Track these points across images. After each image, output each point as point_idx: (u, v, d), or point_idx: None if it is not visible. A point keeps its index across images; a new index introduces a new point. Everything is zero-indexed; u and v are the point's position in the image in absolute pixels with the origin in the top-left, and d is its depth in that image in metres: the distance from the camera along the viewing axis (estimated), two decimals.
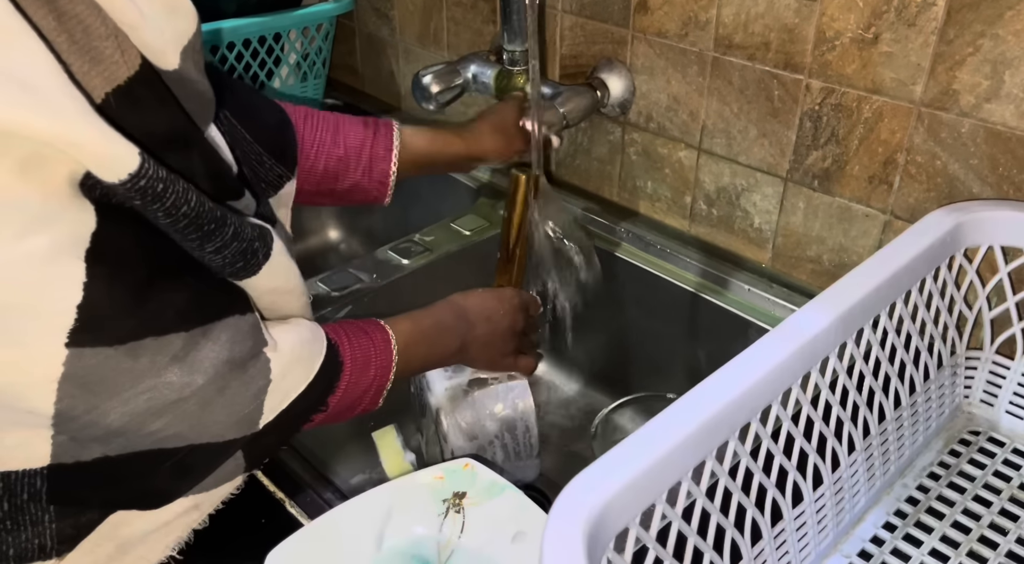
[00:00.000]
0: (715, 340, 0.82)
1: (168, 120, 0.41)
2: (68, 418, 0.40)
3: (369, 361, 0.54)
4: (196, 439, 0.44)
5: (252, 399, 0.46)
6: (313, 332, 0.51)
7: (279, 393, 0.47)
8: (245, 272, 0.46)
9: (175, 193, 0.40)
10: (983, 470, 0.60)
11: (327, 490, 0.58)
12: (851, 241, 0.75)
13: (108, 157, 0.36)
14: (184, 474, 0.46)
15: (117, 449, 0.42)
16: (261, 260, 0.47)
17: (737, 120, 0.78)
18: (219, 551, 0.55)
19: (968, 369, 0.66)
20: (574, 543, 0.35)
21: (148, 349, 0.41)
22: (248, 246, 0.46)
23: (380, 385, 0.55)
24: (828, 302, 0.49)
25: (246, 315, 0.46)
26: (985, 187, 0.65)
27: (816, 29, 0.69)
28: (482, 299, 0.65)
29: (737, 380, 0.43)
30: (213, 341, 0.43)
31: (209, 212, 0.42)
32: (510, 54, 0.85)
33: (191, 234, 0.42)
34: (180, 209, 0.40)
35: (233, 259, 0.45)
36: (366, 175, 0.66)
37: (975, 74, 0.62)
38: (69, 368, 0.38)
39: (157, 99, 0.41)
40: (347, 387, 0.53)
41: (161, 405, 0.42)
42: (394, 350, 0.56)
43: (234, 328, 0.45)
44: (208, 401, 0.43)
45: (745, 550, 0.47)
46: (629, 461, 0.39)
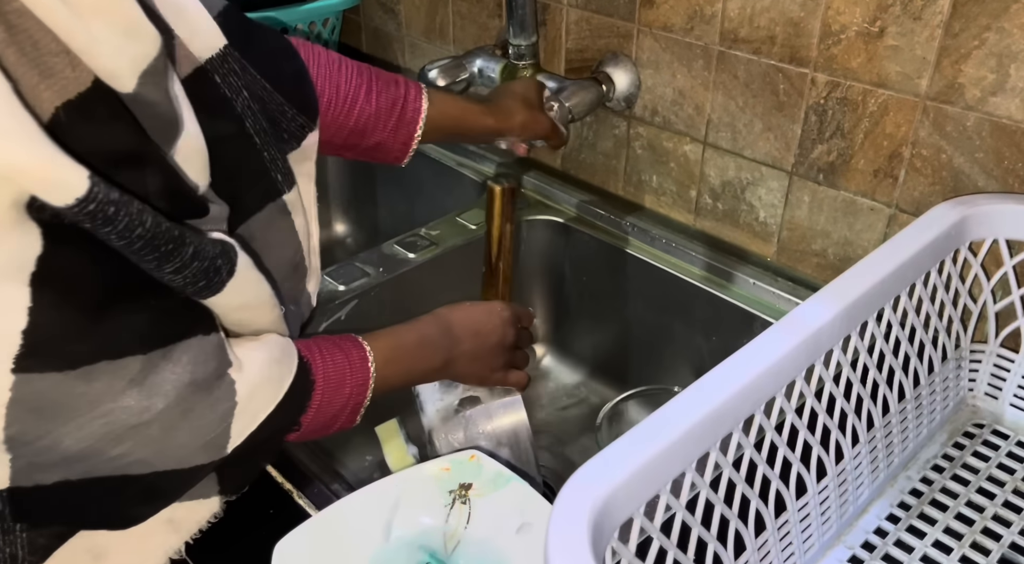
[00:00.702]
0: (720, 333, 0.82)
1: (122, 136, 0.40)
2: (21, 443, 0.39)
3: (344, 379, 0.53)
4: (161, 465, 0.43)
5: (218, 422, 0.45)
6: (283, 350, 0.50)
7: (247, 415, 0.46)
8: (208, 291, 0.45)
9: (128, 215, 0.38)
10: (987, 462, 0.60)
11: (335, 481, 0.59)
12: (856, 235, 0.75)
13: (55, 182, 0.35)
14: (151, 499, 0.45)
15: (79, 474, 0.41)
16: (225, 278, 0.45)
17: (742, 114, 0.78)
18: (227, 542, 0.55)
19: (972, 362, 0.66)
20: (579, 533, 0.35)
21: (103, 373, 0.40)
22: (210, 265, 0.44)
23: (356, 403, 0.54)
24: (832, 295, 0.50)
25: (210, 335, 0.45)
26: (990, 180, 0.65)
27: (822, 23, 0.69)
28: (470, 313, 0.64)
29: (741, 372, 0.44)
30: (174, 363, 0.42)
31: (166, 232, 0.40)
32: (516, 48, 0.85)
33: (147, 255, 0.40)
34: (134, 231, 0.38)
35: (194, 279, 0.43)
36: (392, 135, 0.65)
37: (980, 68, 0.62)
38: (17, 393, 0.37)
39: (111, 115, 0.39)
40: (320, 406, 0.52)
41: (120, 430, 0.41)
42: (371, 367, 0.55)
43: (197, 349, 0.44)
44: (171, 425, 0.42)
45: (749, 541, 0.47)
46: (633, 452, 0.39)
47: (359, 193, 1.19)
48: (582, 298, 0.95)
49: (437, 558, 0.54)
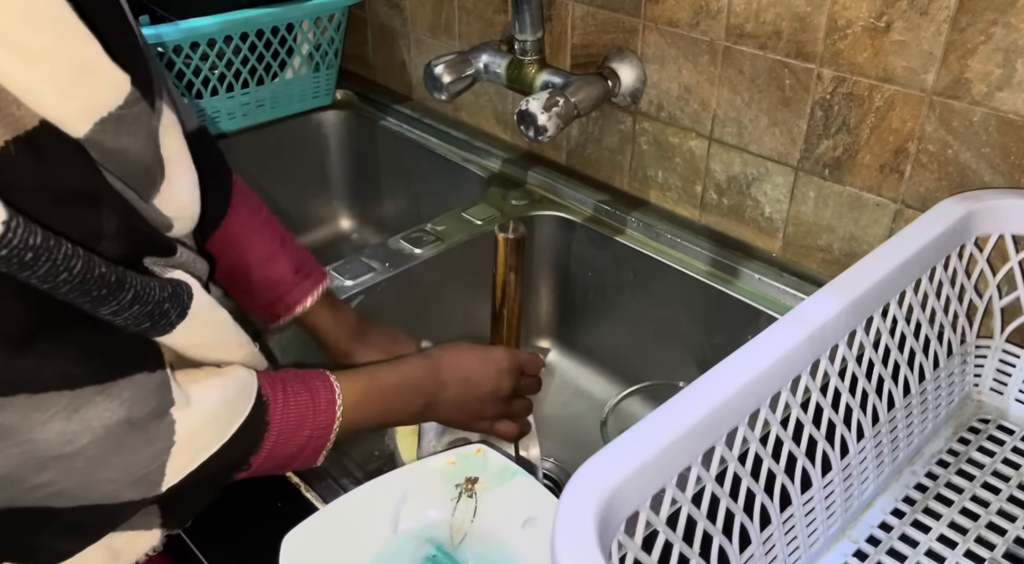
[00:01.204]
0: (725, 329, 0.82)
1: (75, 176, 0.38)
2: None
3: (304, 421, 0.52)
4: (86, 499, 0.42)
5: (151, 460, 0.44)
6: (241, 389, 0.49)
7: (186, 454, 0.45)
8: (154, 332, 0.43)
9: (51, 261, 0.36)
10: (992, 458, 0.60)
11: (342, 475, 0.59)
12: (862, 230, 0.75)
13: None
14: (76, 534, 0.44)
15: (2, 501, 0.40)
16: (175, 320, 0.44)
17: (748, 109, 0.78)
18: (236, 535, 0.56)
19: (978, 357, 0.66)
20: (586, 527, 0.36)
21: (19, 406, 0.38)
22: (155, 308, 0.42)
23: (317, 446, 0.53)
24: (838, 290, 0.50)
25: (155, 372, 0.44)
26: (997, 176, 0.65)
27: (828, 18, 0.69)
28: (463, 358, 0.62)
29: (747, 367, 0.44)
30: (110, 399, 0.41)
31: (100, 278, 0.39)
32: (521, 44, 0.85)
33: (78, 299, 0.39)
34: (58, 276, 0.37)
35: (136, 321, 0.42)
36: (261, 309, 0.65)
37: (987, 62, 0.62)
38: None
39: (64, 154, 0.38)
40: (273, 448, 0.51)
41: (40, 458, 0.40)
42: (338, 411, 0.53)
43: (138, 386, 0.43)
44: (98, 460, 0.41)
45: (754, 534, 0.48)
46: (640, 446, 0.39)
47: (364, 189, 1.20)
48: (587, 293, 0.95)
49: (443, 551, 0.54)
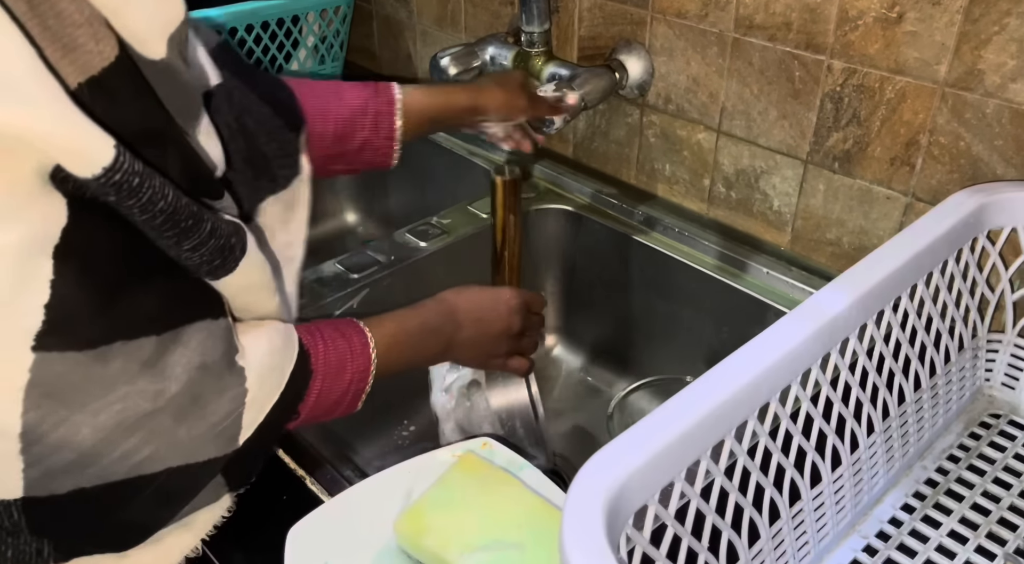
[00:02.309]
0: (733, 323, 0.82)
1: (143, 114, 0.39)
2: (37, 435, 0.37)
3: (344, 366, 0.53)
4: (173, 460, 0.42)
5: (229, 410, 0.44)
6: (285, 338, 0.49)
7: (256, 405, 0.46)
8: (223, 270, 0.44)
9: (151, 188, 0.38)
10: (1003, 453, 0.60)
11: (347, 468, 0.59)
12: (871, 224, 0.74)
13: (81, 151, 0.35)
14: (165, 502, 0.44)
15: (92, 479, 0.40)
16: (239, 255, 0.45)
17: (757, 102, 0.77)
18: (241, 527, 0.56)
19: (989, 352, 0.65)
20: (594, 520, 0.35)
21: (119, 354, 0.39)
22: (225, 242, 0.44)
23: (358, 390, 0.54)
24: (849, 283, 0.49)
25: (219, 319, 0.44)
26: (1009, 168, 0.64)
27: (839, 8, 0.68)
28: (475, 299, 0.63)
29: (757, 360, 0.43)
30: (184, 346, 0.42)
31: (186, 208, 0.40)
32: (528, 35, 0.84)
33: (168, 231, 0.40)
34: (156, 205, 0.38)
35: (211, 257, 0.43)
36: (374, 132, 0.65)
37: (1001, 53, 0.61)
38: (36, 375, 0.36)
39: (133, 92, 0.38)
40: (320, 394, 0.51)
41: (133, 417, 0.40)
42: (372, 354, 0.54)
43: (206, 332, 0.43)
44: (182, 412, 0.42)
45: (763, 529, 0.47)
46: (648, 439, 0.39)
47: (370, 182, 1.19)
48: (594, 287, 0.94)
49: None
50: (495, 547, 0.50)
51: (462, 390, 0.68)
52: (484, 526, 0.51)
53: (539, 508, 0.52)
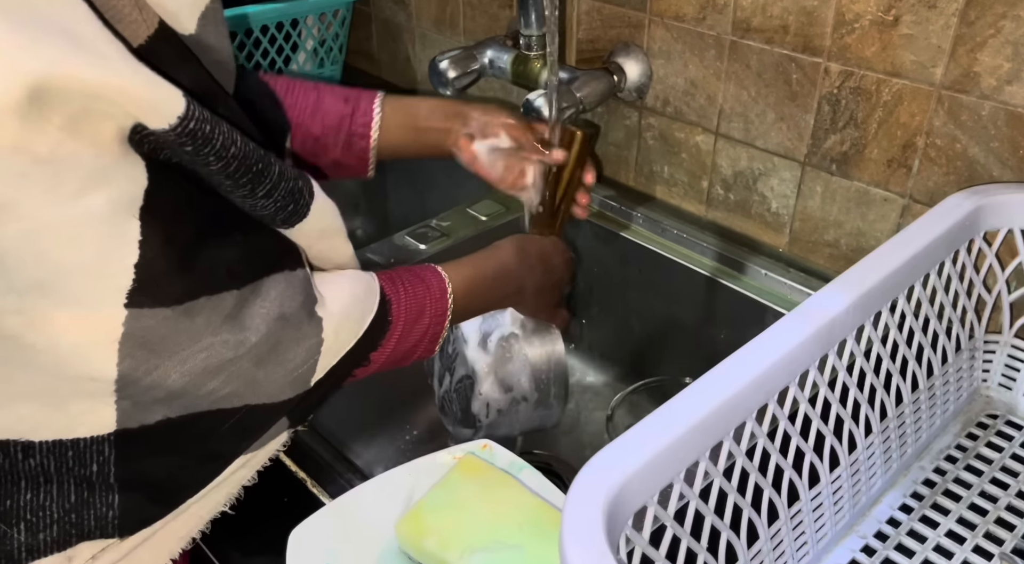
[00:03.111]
0: (731, 325, 0.82)
1: (191, 77, 0.40)
2: (130, 380, 0.40)
3: (423, 311, 0.54)
4: (252, 399, 0.44)
5: (306, 357, 0.46)
6: (366, 287, 0.51)
7: (331, 352, 0.47)
8: (296, 216, 0.46)
9: (222, 134, 0.39)
10: (1001, 453, 0.60)
11: (348, 470, 0.59)
12: (869, 225, 0.74)
13: (156, 101, 0.36)
14: (242, 434, 0.46)
15: (178, 411, 0.42)
16: (308, 200, 0.46)
17: (755, 104, 0.77)
18: (242, 530, 0.56)
19: (987, 353, 0.65)
20: (593, 521, 0.35)
21: (203, 308, 0.40)
22: (294, 185, 0.45)
23: (435, 334, 0.56)
24: (846, 285, 0.49)
25: (296, 270, 0.46)
26: (1005, 170, 0.64)
27: (835, 11, 0.69)
28: (543, 246, 0.65)
29: (755, 362, 0.44)
30: (263, 297, 0.43)
31: (254, 152, 0.41)
32: (527, 39, 0.85)
33: (242, 178, 0.41)
34: (229, 150, 0.39)
35: (284, 202, 0.44)
36: (345, 152, 0.65)
37: (996, 56, 0.61)
38: (129, 328, 0.38)
39: (179, 57, 0.40)
40: (399, 340, 0.53)
41: (217, 364, 0.42)
42: (449, 299, 0.56)
43: (284, 283, 0.44)
44: (261, 359, 0.43)
45: (762, 530, 0.47)
46: (648, 440, 0.39)
47: (370, 184, 1.20)
48: (593, 289, 0.95)
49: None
50: (496, 548, 0.50)
51: (501, 343, 0.68)
52: (485, 527, 0.51)
53: (539, 509, 0.52)
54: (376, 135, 0.65)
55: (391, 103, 0.66)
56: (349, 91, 0.66)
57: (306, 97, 0.64)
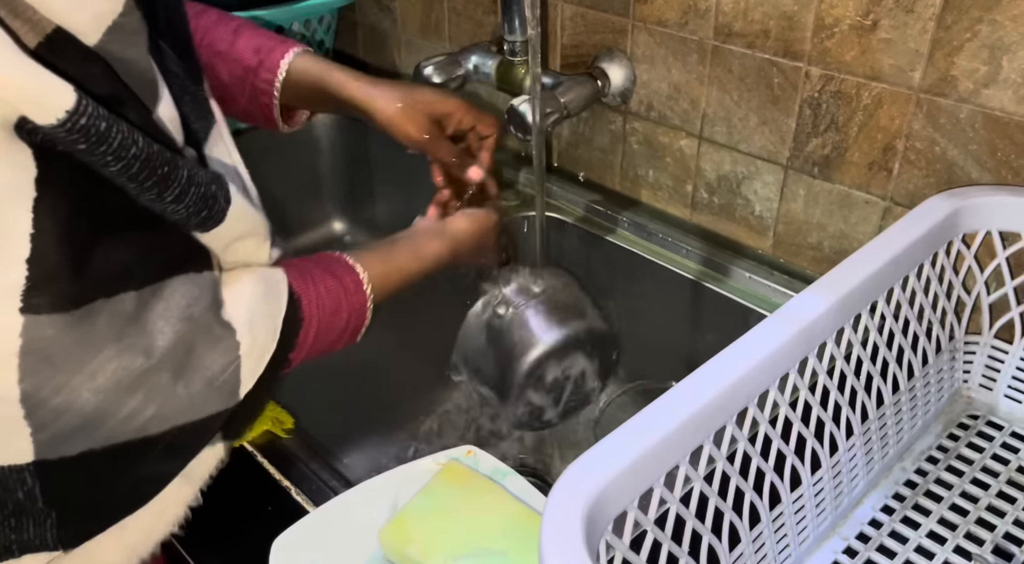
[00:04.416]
0: (716, 328, 0.82)
1: (98, 76, 0.38)
2: (38, 401, 0.37)
3: (339, 306, 0.52)
4: (178, 418, 0.42)
5: (225, 364, 0.44)
6: (269, 285, 0.48)
7: (253, 356, 0.45)
8: (212, 221, 0.43)
9: (120, 133, 0.37)
10: (981, 453, 0.61)
11: (332, 477, 0.59)
12: (851, 227, 0.75)
13: (41, 97, 0.34)
14: (174, 457, 0.45)
15: (101, 441, 0.40)
16: (223, 205, 0.44)
17: (737, 108, 0.78)
18: (225, 538, 0.56)
19: (967, 354, 0.66)
20: (573, 526, 0.36)
21: (101, 312, 0.38)
22: (207, 190, 0.42)
23: (356, 326, 0.54)
24: (825, 288, 0.50)
25: (203, 273, 0.44)
26: (984, 172, 0.65)
27: (815, 16, 0.69)
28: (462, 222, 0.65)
29: (735, 365, 0.44)
30: (166, 300, 0.41)
31: (159, 154, 0.39)
32: (511, 44, 0.85)
33: (147, 181, 0.39)
34: (129, 150, 0.37)
35: (197, 207, 0.42)
36: (251, 104, 0.63)
37: (973, 60, 0.62)
38: (27, 339, 0.36)
39: (83, 56, 0.38)
40: (316, 337, 0.51)
41: (130, 376, 0.40)
42: (367, 290, 0.54)
43: (190, 285, 0.42)
44: (178, 368, 0.41)
45: (743, 533, 0.48)
46: (627, 445, 0.39)
47: (356, 190, 1.20)
48: None
49: None
50: (479, 555, 0.50)
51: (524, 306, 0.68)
52: (468, 534, 0.51)
53: (523, 516, 0.53)
54: (279, 93, 0.62)
55: (302, 64, 0.62)
56: (266, 40, 0.63)
57: (222, 40, 0.61)
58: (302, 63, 0.63)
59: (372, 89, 0.64)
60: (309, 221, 1.21)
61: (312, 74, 0.63)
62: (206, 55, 0.60)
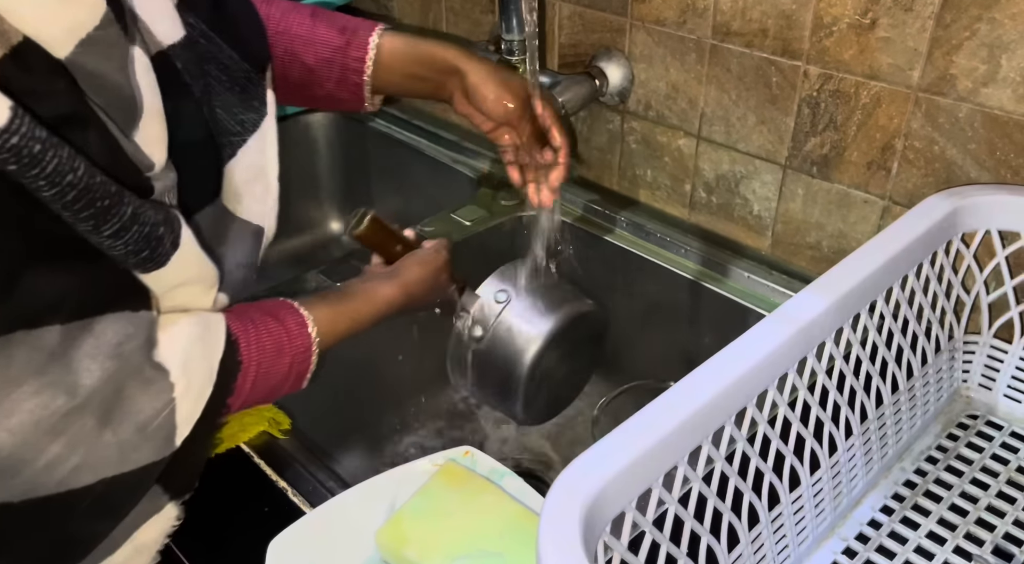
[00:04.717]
0: (715, 327, 0.82)
1: (62, 93, 0.37)
2: None
3: (282, 349, 0.50)
4: (106, 469, 0.39)
5: (158, 409, 0.41)
6: (206, 327, 0.46)
7: (188, 400, 0.43)
8: (152, 263, 0.41)
9: (57, 158, 0.35)
10: (981, 453, 0.60)
11: (329, 479, 0.59)
12: (850, 227, 0.75)
13: None
14: (105, 514, 0.41)
15: (19, 494, 0.37)
16: (169, 249, 0.42)
17: (736, 107, 0.78)
18: (222, 539, 0.55)
19: (966, 353, 0.66)
20: (571, 527, 0.35)
21: (21, 344, 0.36)
22: (152, 231, 0.40)
23: (300, 371, 0.52)
24: (825, 287, 0.50)
25: (140, 312, 0.41)
26: (983, 171, 0.65)
27: (814, 15, 0.69)
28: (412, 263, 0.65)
29: (733, 365, 0.44)
30: (96, 336, 0.38)
31: (101, 187, 0.37)
32: (508, 43, 0.85)
33: (82, 211, 0.36)
34: (64, 177, 0.35)
35: (137, 247, 0.40)
36: (340, 86, 0.62)
37: (972, 58, 0.62)
38: None
39: (49, 70, 0.36)
40: (256, 381, 0.49)
41: (51, 418, 0.37)
42: (312, 332, 0.52)
43: (124, 323, 0.40)
44: (105, 412, 0.39)
45: (742, 534, 0.47)
46: (625, 446, 0.39)
47: (354, 190, 1.19)
48: None
49: None
50: (476, 556, 0.50)
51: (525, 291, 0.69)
52: (465, 535, 0.51)
53: (520, 516, 0.52)
54: (371, 71, 0.62)
55: (390, 41, 0.62)
56: (347, 20, 0.63)
57: (300, 24, 0.61)
58: (390, 38, 0.62)
59: (469, 54, 0.63)
60: (307, 221, 1.21)
61: (403, 46, 0.62)
62: (284, 41, 0.60)
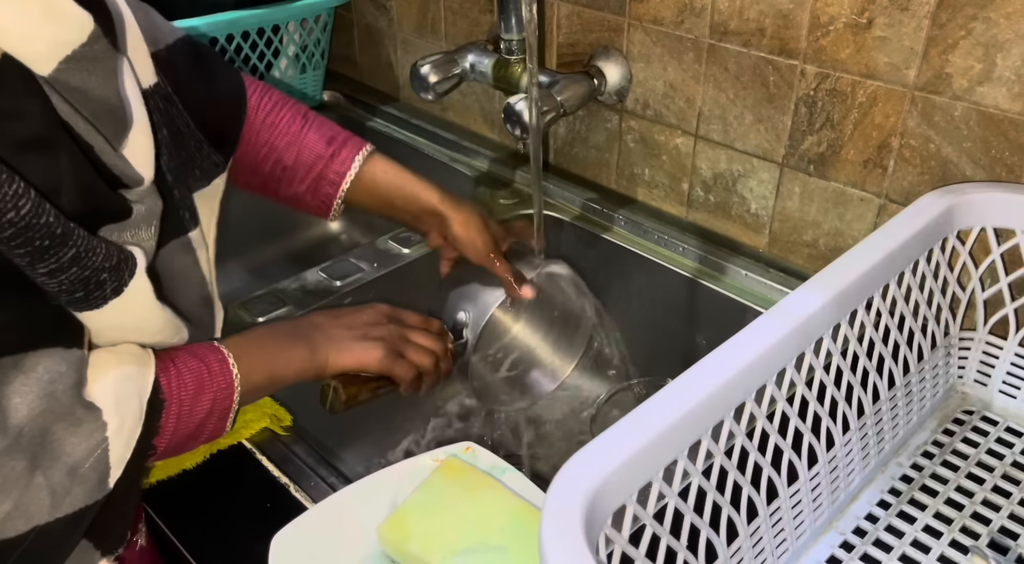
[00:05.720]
0: (713, 325, 0.83)
1: (35, 116, 0.36)
2: None
3: (203, 386, 0.49)
4: (39, 515, 0.38)
5: (89, 450, 0.40)
6: (138, 363, 0.45)
7: (121, 440, 0.42)
8: (85, 304, 0.40)
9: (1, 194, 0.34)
10: (976, 449, 0.61)
11: (331, 474, 0.59)
12: (846, 225, 0.75)
13: None
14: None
15: None
16: (108, 294, 0.41)
17: (733, 106, 0.78)
18: (225, 535, 0.56)
19: (962, 349, 0.66)
20: (572, 520, 0.36)
21: None
22: (92, 275, 0.39)
23: (223, 409, 0.50)
24: (822, 284, 0.50)
25: (72, 349, 0.40)
26: (978, 169, 0.65)
27: (811, 14, 0.69)
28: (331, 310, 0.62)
29: (732, 360, 0.44)
30: (25, 374, 0.38)
31: (45, 227, 0.36)
32: (507, 43, 0.85)
33: (18, 248, 0.36)
34: (6, 215, 0.34)
35: (71, 287, 0.39)
36: (310, 192, 0.62)
37: (968, 57, 0.62)
38: None
39: (24, 90, 0.36)
40: (178, 420, 0.48)
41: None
42: (233, 370, 0.51)
43: (57, 359, 0.39)
44: (35, 453, 0.38)
45: (741, 528, 0.48)
46: (626, 440, 0.39)
47: None
48: None
49: None
50: (478, 550, 0.50)
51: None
52: (467, 530, 0.52)
53: (521, 511, 0.53)
54: (346, 187, 0.62)
55: (375, 166, 0.63)
56: (338, 132, 0.63)
57: (291, 124, 0.61)
58: (376, 163, 0.64)
59: (453, 201, 0.65)
60: (306, 220, 1.21)
61: (387, 177, 0.64)
62: (269, 135, 0.60)
